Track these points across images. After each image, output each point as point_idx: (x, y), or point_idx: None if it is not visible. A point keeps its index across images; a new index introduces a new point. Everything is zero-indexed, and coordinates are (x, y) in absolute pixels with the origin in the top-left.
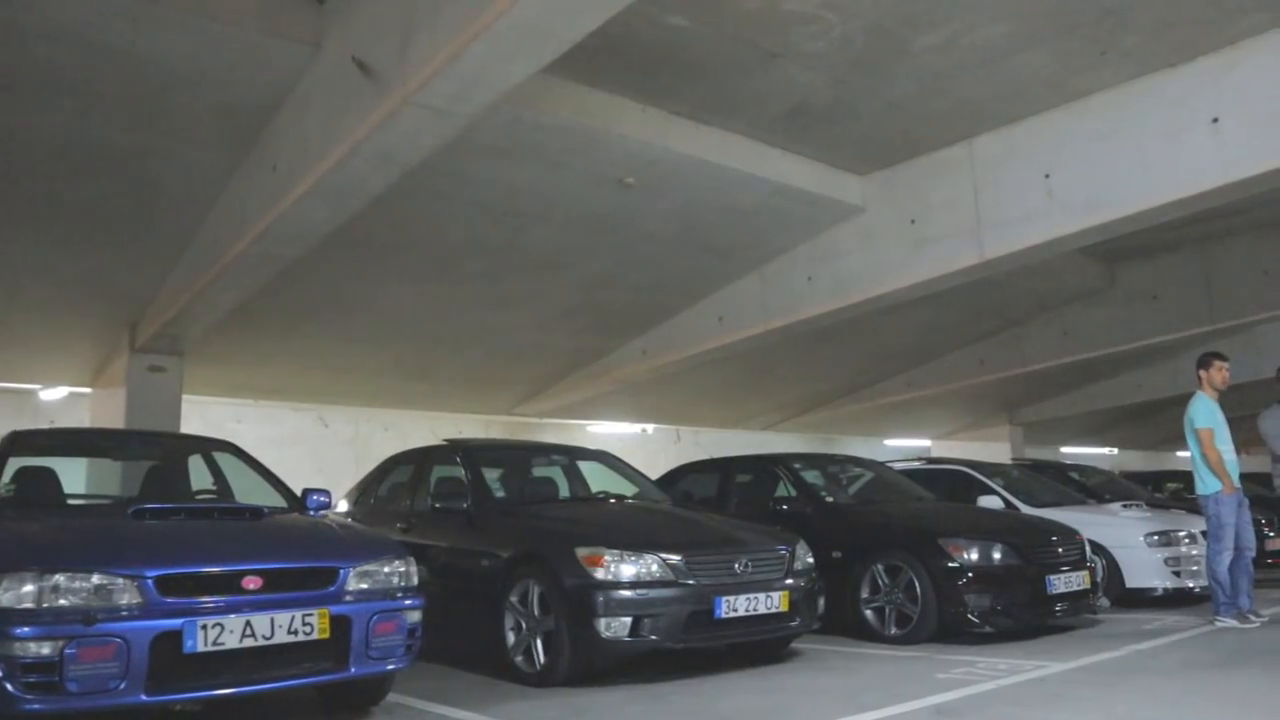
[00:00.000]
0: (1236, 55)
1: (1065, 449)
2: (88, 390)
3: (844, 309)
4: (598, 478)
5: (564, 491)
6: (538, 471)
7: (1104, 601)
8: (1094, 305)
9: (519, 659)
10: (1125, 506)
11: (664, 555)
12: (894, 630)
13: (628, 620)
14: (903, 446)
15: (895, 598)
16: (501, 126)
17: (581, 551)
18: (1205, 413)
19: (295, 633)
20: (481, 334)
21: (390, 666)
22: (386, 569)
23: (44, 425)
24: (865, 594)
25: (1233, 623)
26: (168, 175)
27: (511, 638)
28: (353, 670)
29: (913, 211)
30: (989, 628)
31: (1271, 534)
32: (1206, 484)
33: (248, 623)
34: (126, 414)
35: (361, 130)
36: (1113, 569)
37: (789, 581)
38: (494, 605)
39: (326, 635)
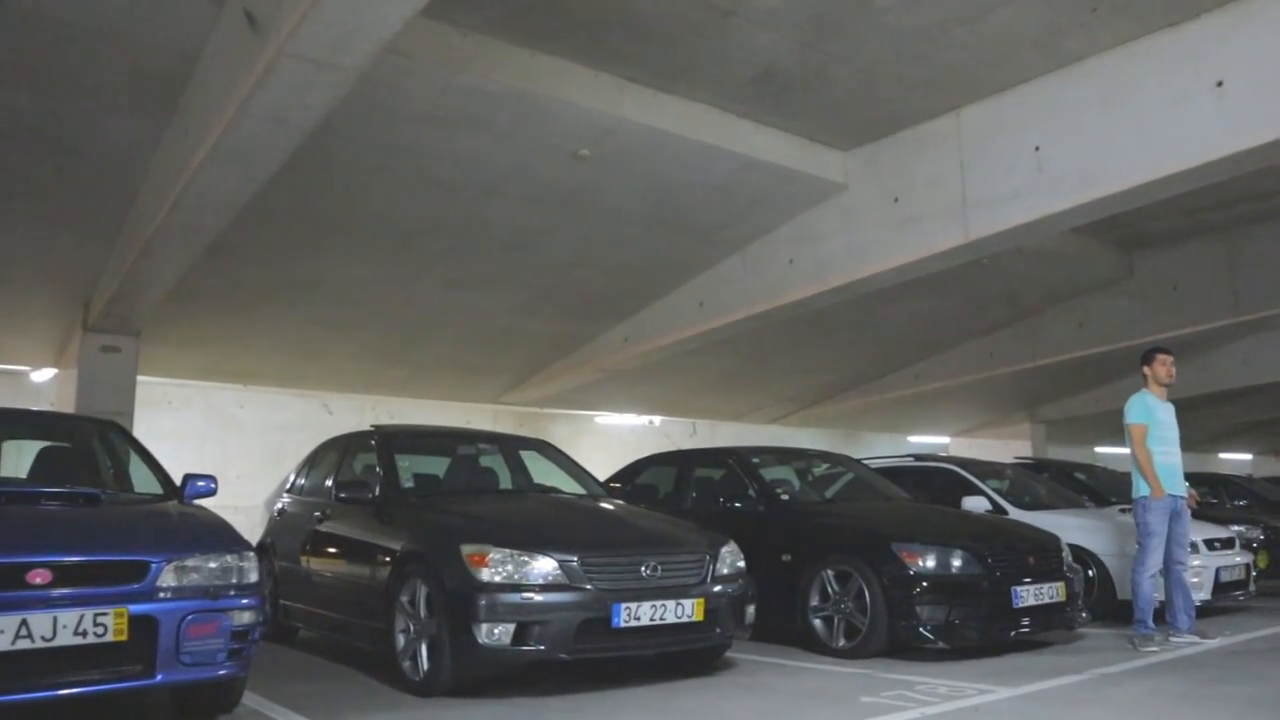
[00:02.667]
0: (1243, 11)
1: (1100, 449)
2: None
3: (826, 293)
4: (541, 470)
5: (505, 483)
6: (484, 461)
7: (1084, 615)
8: (1110, 296)
9: (406, 664)
10: (1123, 511)
11: (558, 555)
12: (842, 642)
13: (510, 627)
14: (924, 443)
15: (844, 607)
16: (434, 93)
17: (467, 549)
18: (1140, 409)
19: (84, 634)
20: (453, 317)
21: (211, 674)
22: (214, 564)
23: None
24: (815, 602)
25: (1153, 647)
26: (88, 143)
27: (401, 641)
28: (159, 678)
29: (896, 189)
30: (942, 643)
31: None
32: (1137, 486)
33: (23, 622)
34: (77, 395)
35: (245, 87)
36: (1104, 579)
37: (708, 588)
38: (388, 605)
39: (124, 638)
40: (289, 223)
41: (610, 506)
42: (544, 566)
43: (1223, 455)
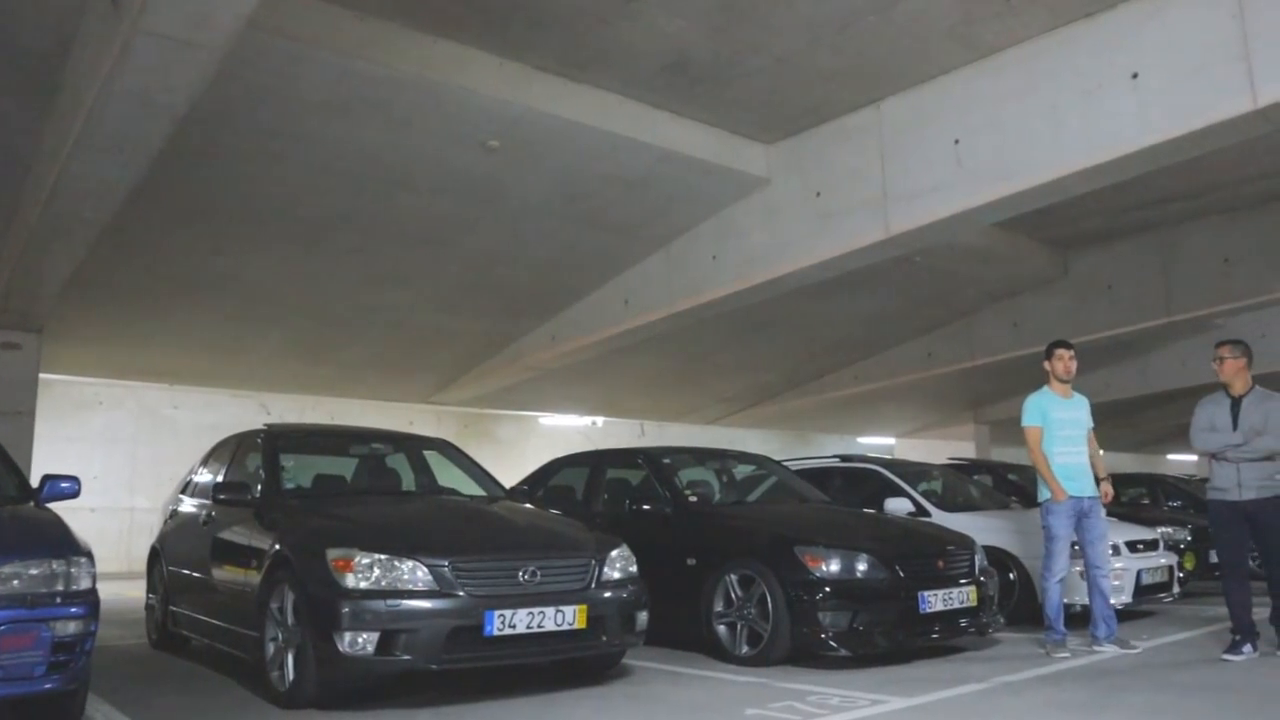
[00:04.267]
0: (1159, 1)
1: None
2: None
3: (750, 289)
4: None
5: (408, 484)
6: (390, 462)
7: (999, 619)
8: (1046, 295)
9: (274, 675)
10: None
11: (428, 560)
12: (745, 650)
13: (375, 636)
14: (871, 444)
15: (747, 613)
16: (331, 80)
17: (332, 553)
18: (1034, 411)
19: None
20: (374, 315)
21: (28, 689)
22: (35, 570)
23: None
24: (719, 608)
25: (1064, 653)
26: None
27: (270, 650)
28: None
29: (818, 183)
30: (846, 651)
31: None
32: (1040, 490)
33: None
34: None
35: (105, 67)
36: (1025, 582)
37: (592, 594)
38: (260, 612)
39: None
40: (193, 215)
41: (500, 509)
42: (412, 572)
43: (1171, 457)
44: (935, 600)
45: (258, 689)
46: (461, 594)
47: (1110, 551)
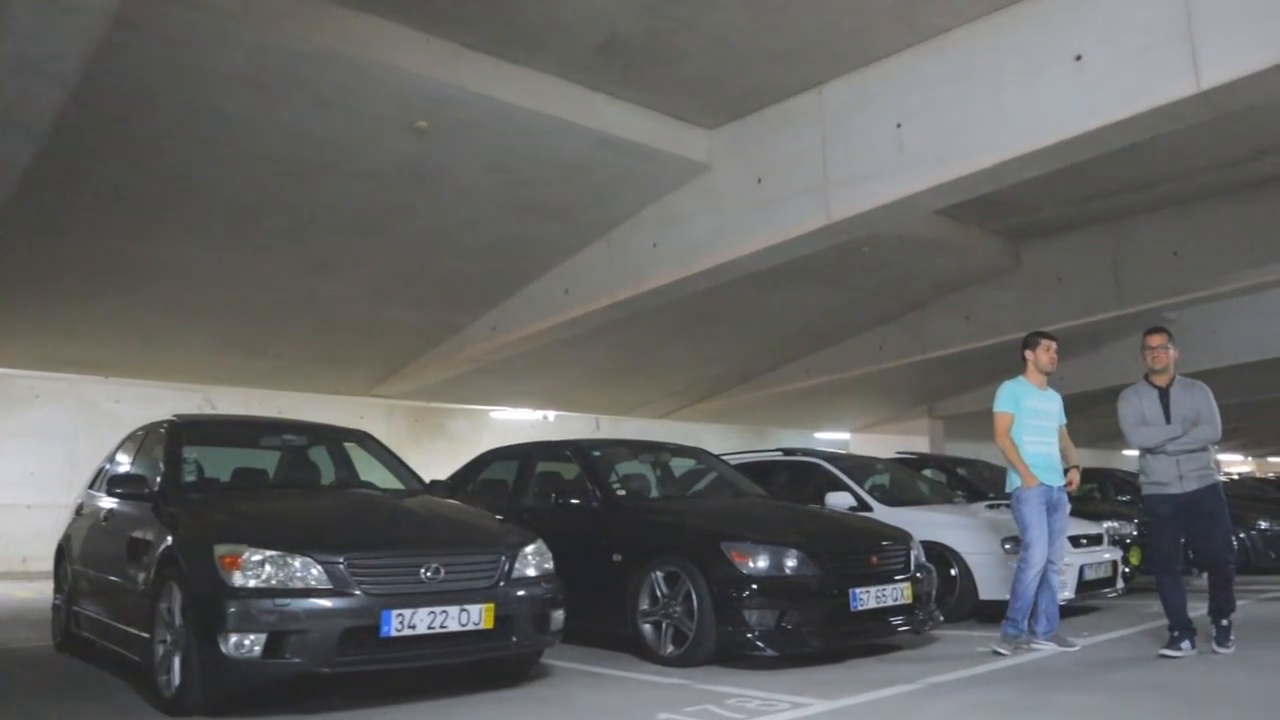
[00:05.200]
0: None
1: None
2: None
3: (691, 278)
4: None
5: (328, 477)
6: (312, 455)
7: (937, 617)
8: (998, 287)
9: (161, 679)
10: (990, 507)
11: (321, 557)
12: (671, 649)
13: (262, 637)
14: (827, 439)
15: (672, 611)
16: (246, 54)
17: (220, 550)
18: (1008, 397)
19: None
20: (307, 305)
21: None
22: None
23: None
24: (644, 605)
25: (1005, 649)
26: None
27: (159, 652)
28: None
29: (760, 169)
30: (772, 651)
31: None
32: (1010, 480)
33: None
34: None
35: None
36: (966, 578)
37: (501, 592)
38: (150, 612)
39: None
40: (115, 198)
41: (412, 504)
42: (305, 569)
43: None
44: (868, 598)
45: (148, 694)
46: (357, 593)
47: (1065, 546)
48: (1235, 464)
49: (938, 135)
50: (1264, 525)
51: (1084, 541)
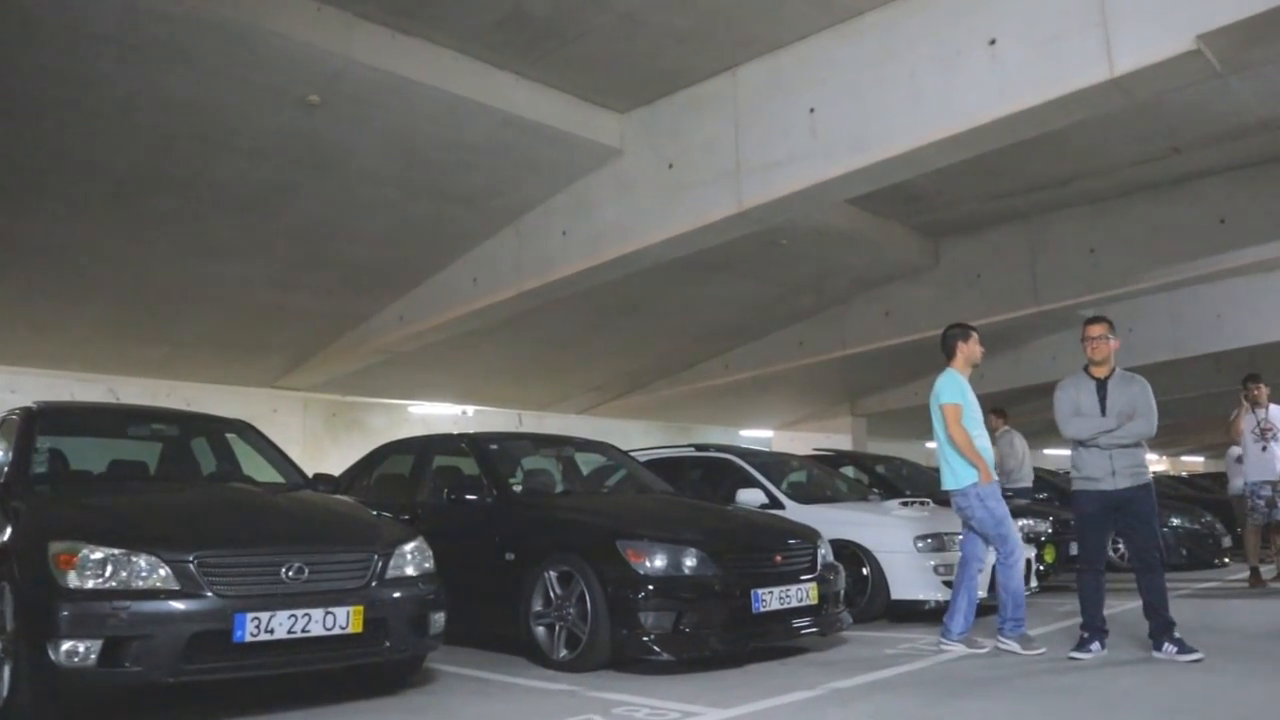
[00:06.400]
0: None
1: (930, 444)
2: None
3: (600, 267)
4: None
5: (209, 469)
6: (193, 446)
7: (845, 618)
8: (917, 284)
9: None
10: (904, 504)
11: (168, 555)
12: (564, 653)
13: (98, 644)
14: (752, 437)
15: (566, 613)
16: (117, 12)
17: (55, 547)
18: (955, 388)
19: None
20: (202, 289)
21: None
22: None
23: None
24: (537, 607)
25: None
26: None
27: None
28: None
29: (672, 155)
30: (668, 655)
31: None
32: (959, 475)
33: None
34: None
35: None
36: (877, 577)
37: (372, 593)
38: None
39: None
40: None
41: (284, 499)
42: (150, 569)
43: (1047, 451)
44: (770, 599)
45: None
46: (208, 594)
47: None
48: (1151, 463)
49: (852, 120)
50: (1176, 522)
51: None
